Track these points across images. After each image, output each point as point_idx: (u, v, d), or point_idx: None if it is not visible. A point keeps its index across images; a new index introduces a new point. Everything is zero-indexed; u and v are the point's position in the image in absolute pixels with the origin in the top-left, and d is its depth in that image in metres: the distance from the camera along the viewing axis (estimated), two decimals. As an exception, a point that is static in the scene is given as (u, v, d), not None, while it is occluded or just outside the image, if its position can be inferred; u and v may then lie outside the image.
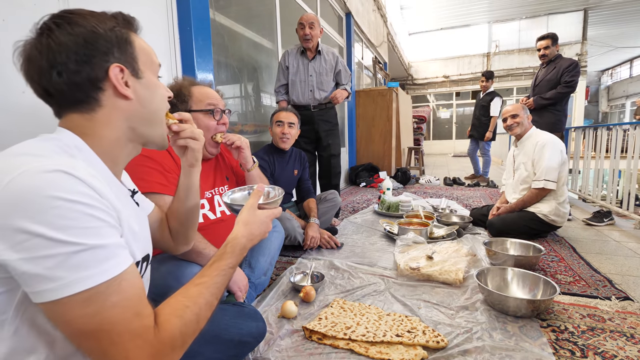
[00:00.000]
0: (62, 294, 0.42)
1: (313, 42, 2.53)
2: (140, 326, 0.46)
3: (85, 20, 0.53)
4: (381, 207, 2.93)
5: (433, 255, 1.67)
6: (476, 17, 11.45)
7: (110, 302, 0.44)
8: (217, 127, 1.21)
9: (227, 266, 0.62)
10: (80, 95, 0.54)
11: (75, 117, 0.55)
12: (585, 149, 3.54)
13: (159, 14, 1.69)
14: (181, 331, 0.51)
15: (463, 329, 1.15)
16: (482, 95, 4.86)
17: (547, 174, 2.02)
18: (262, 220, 0.70)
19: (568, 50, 10.54)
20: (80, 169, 0.46)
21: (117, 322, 0.45)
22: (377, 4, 6.79)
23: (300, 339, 1.13)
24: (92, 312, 0.43)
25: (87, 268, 0.43)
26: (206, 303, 0.56)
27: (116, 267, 0.46)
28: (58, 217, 0.42)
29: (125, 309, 0.45)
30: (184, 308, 0.53)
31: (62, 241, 0.41)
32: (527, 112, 2.26)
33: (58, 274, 0.41)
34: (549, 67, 3.01)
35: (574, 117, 10.71)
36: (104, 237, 0.45)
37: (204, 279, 0.58)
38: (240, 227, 0.68)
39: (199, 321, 0.54)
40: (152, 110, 0.62)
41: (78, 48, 0.52)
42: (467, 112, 12.63)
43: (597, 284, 1.49)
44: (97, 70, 0.54)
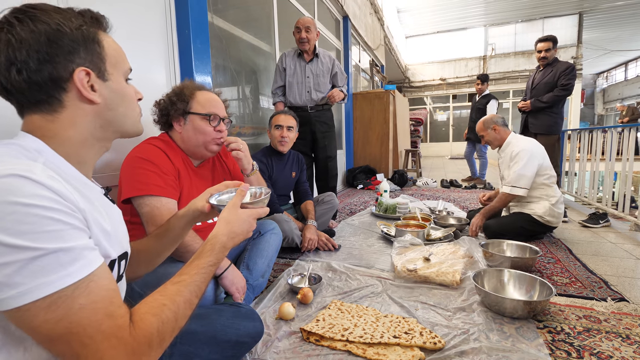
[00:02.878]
0: (24, 300, 0.40)
1: (310, 44, 2.54)
2: (113, 326, 0.46)
3: (49, 17, 0.51)
4: (378, 209, 2.94)
5: (430, 257, 1.68)
6: (472, 21, 11.55)
7: (77, 305, 0.43)
8: (213, 134, 1.21)
9: (206, 264, 0.62)
10: (41, 95, 0.52)
11: (36, 118, 0.53)
12: (580, 151, 3.57)
13: (157, 18, 1.69)
14: (158, 329, 0.50)
15: (460, 330, 1.15)
16: (478, 98, 4.89)
17: (517, 181, 2.06)
18: (243, 219, 0.69)
19: (564, 53, 10.65)
20: (38, 172, 0.44)
21: (87, 325, 0.44)
22: (374, 7, 6.84)
23: (298, 340, 1.13)
24: (59, 317, 0.42)
25: (49, 273, 0.42)
26: (185, 301, 0.55)
27: (82, 270, 0.44)
28: (15, 223, 0.40)
29: (94, 311, 0.45)
30: (161, 306, 0.52)
31: (20, 247, 0.40)
32: (489, 124, 2.26)
33: (18, 280, 0.40)
34: (546, 70, 3.04)
35: (570, 120, 10.80)
36: (66, 240, 0.44)
37: (182, 277, 0.58)
38: (220, 226, 0.67)
39: (177, 319, 0.54)
40: (119, 113, 0.60)
41: (40, 46, 0.50)
42: (463, 114, 12.70)
43: (593, 285, 1.50)
44: (60, 71, 0.52)
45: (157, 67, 1.70)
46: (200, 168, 1.28)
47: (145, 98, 1.36)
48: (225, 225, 0.67)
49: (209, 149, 1.23)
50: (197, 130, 1.19)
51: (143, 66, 1.62)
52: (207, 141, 1.21)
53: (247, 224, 0.70)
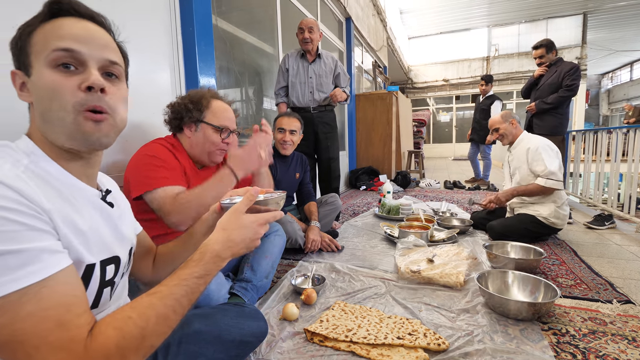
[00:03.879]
0: None
1: (312, 45, 2.55)
2: (64, 337, 0.42)
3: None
4: (381, 211, 2.94)
5: (434, 258, 1.67)
6: (476, 21, 11.52)
7: (24, 312, 0.40)
8: (220, 145, 1.23)
9: (190, 275, 0.54)
10: None
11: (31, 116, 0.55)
12: (585, 152, 3.55)
13: (162, 20, 1.71)
14: (118, 344, 0.45)
15: (464, 332, 1.15)
16: (481, 98, 4.88)
17: (552, 174, 2.01)
18: (244, 225, 0.60)
19: (568, 54, 10.59)
20: (2, 171, 0.43)
21: (33, 334, 0.41)
22: (376, 8, 6.85)
23: (302, 341, 1.13)
24: (3, 323, 0.40)
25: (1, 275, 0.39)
26: (157, 315, 0.49)
27: (35, 274, 0.41)
28: None
29: (43, 320, 0.41)
30: (125, 319, 0.47)
31: None
32: (508, 119, 2.24)
33: None
34: (550, 71, 3.02)
35: (575, 121, 10.73)
36: (18, 242, 0.41)
37: (160, 288, 0.52)
38: (215, 233, 0.60)
39: (145, 336, 0.48)
40: (42, 109, 0.52)
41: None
42: (467, 115, 12.66)
43: (599, 288, 1.49)
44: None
45: (162, 69, 1.72)
46: (204, 170, 1.30)
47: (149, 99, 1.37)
48: (221, 232, 0.59)
49: (212, 159, 1.25)
50: (206, 139, 1.21)
51: (148, 67, 1.63)
52: (212, 151, 1.23)
53: (250, 231, 0.61)
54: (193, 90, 1.28)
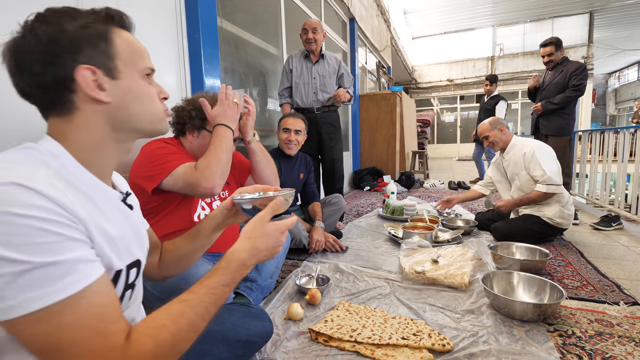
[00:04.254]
0: (12, 314, 0.40)
1: (316, 45, 2.56)
2: (103, 345, 0.43)
3: (57, 18, 0.50)
4: (385, 211, 2.94)
5: (438, 259, 1.67)
6: (480, 21, 11.47)
7: (65, 321, 0.42)
8: None
9: (218, 284, 0.56)
10: (51, 97, 0.51)
11: (55, 120, 0.53)
12: (592, 152, 3.52)
13: (168, 22, 1.72)
14: (154, 352, 0.47)
15: (469, 333, 1.15)
16: (486, 99, 4.85)
17: (551, 179, 2.00)
18: (268, 233, 0.62)
19: (574, 53, 10.50)
20: (38, 180, 0.43)
21: (74, 342, 0.42)
22: (380, 9, 6.84)
23: (307, 340, 1.13)
24: (47, 332, 0.41)
25: (37, 288, 0.40)
26: (188, 324, 0.51)
27: (73, 285, 0.42)
28: (7, 234, 0.39)
29: (83, 328, 0.43)
30: (160, 327, 0.49)
31: (12, 259, 0.39)
32: (496, 125, 2.23)
33: (7, 293, 0.39)
34: (556, 71, 3.00)
35: (581, 121, 10.63)
36: (59, 253, 0.42)
37: (190, 296, 0.54)
38: (240, 241, 0.61)
39: (176, 343, 0.50)
40: (133, 112, 0.57)
41: (41, 48, 0.49)
42: (471, 115, 12.60)
43: (605, 289, 1.48)
44: (64, 71, 0.50)
45: (168, 71, 1.73)
46: None
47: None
48: (246, 241, 0.61)
49: None
50: (204, 143, 1.21)
51: (154, 70, 1.65)
52: None
53: (274, 239, 0.63)
54: (198, 95, 1.29)
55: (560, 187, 2.01)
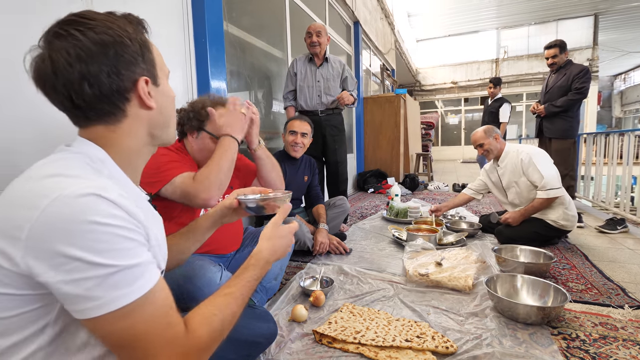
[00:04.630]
0: (102, 311, 0.44)
1: (320, 48, 2.58)
2: (172, 334, 0.49)
3: (109, 29, 0.51)
4: (389, 213, 2.94)
5: (442, 261, 1.67)
6: (484, 24, 11.46)
7: (144, 316, 0.47)
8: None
9: (252, 278, 0.65)
10: (108, 107, 0.54)
11: (99, 129, 0.55)
12: (597, 155, 3.50)
13: (175, 27, 1.75)
14: (209, 337, 0.54)
15: (472, 335, 1.15)
16: (490, 101, 4.85)
17: (549, 184, 1.99)
18: (283, 235, 0.74)
19: (579, 55, 10.45)
20: (111, 190, 0.47)
21: (151, 333, 0.48)
22: (384, 12, 6.87)
23: (311, 342, 1.14)
24: (128, 326, 0.46)
25: (122, 287, 0.45)
26: (232, 313, 0.59)
27: (148, 283, 0.48)
28: (94, 241, 0.44)
29: (157, 320, 0.48)
30: (212, 316, 0.56)
31: (100, 264, 0.43)
32: (491, 133, 2.22)
33: (97, 294, 0.44)
34: (559, 74, 2.99)
35: (586, 123, 10.57)
36: (135, 257, 0.47)
37: (231, 289, 0.62)
38: (263, 242, 0.71)
39: (224, 329, 0.58)
40: (167, 115, 0.62)
41: (108, 59, 0.51)
42: (475, 117, 12.56)
43: (610, 292, 1.48)
44: (125, 82, 0.54)
45: (175, 73, 1.76)
46: None
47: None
48: (267, 242, 0.71)
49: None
50: (204, 147, 1.23)
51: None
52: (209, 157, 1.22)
53: (287, 240, 0.75)
54: (199, 98, 1.30)
55: (560, 190, 2.00)
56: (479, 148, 2.27)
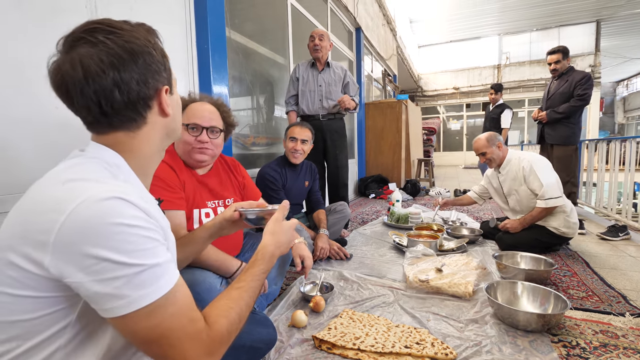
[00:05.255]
0: (129, 309, 0.46)
1: (322, 52, 2.61)
2: (195, 330, 0.52)
3: (137, 38, 0.53)
4: (390, 219, 2.94)
5: (442, 267, 1.67)
6: (486, 30, 11.51)
7: (168, 313, 0.49)
8: (194, 143, 1.20)
9: (260, 272, 0.68)
10: (133, 114, 0.55)
11: (119, 135, 0.56)
12: (598, 162, 3.49)
13: (178, 33, 1.78)
14: (228, 329, 0.57)
15: (472, 342, 1.15)
16: (491, 107, 4.86)
17: (548, 192, 1.98)
18: (285, 230, 0.77)
19: (581, 61, 10.47)
20: (132, 194, 0.49)
21: (175, 329, 0.50)
22: (386, 18, 6.92)
23: (310, 348, 1.15)
24: (155, 324, 0.48)
25: (148, 285, 0.47)
26: (246, 304, 0.63)
27: (170, 281, 0.50)
28: (121, 242, 0.45)
29: (181, 317, 0.50)
30: (228, 309, 0.59)
31: (127, 263, 0.45)
32: (494, 141, 2.20)
33: (125, 292, 0.45)
34: (561, 80, 3.00)
35: (588, 129, 10.55)
36: (158, 256, 0.49)
37: (242, 283, 0.65)
38: (268, 237, 0.74)
39: (241, 320, 0.61)
40: (178, 122, 0.66)
41: (139, 68, 0.53)
42: (477, 123, 12.57)
43: (611, 300, 1.47)
44: (150, 90, 0.56)
45: (177, 79, 1.78)
46: (205, 177, 1.30)
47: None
48: (271, 237, 0.74)
49: (193, 158, 1.23)
50: (181, 140, 1.20)
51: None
52: (189, 150, 1.21)
53: (289, 235, 0.77)
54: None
55: (559, 200, 1.99)
56: (480, 156, 2.26)
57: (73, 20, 0.56)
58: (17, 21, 1.12)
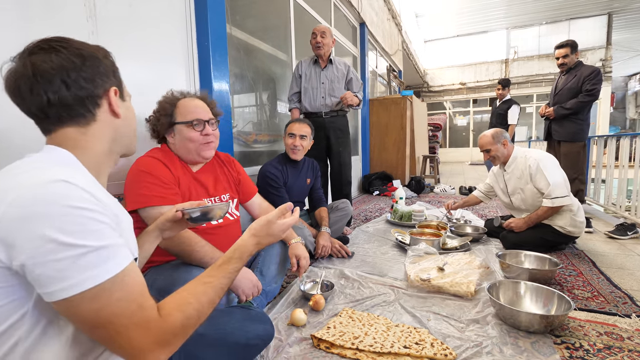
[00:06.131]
0: (72, 292, 0.46)
1: (324, 49, 2.58)
2: (143, 317, 0.51)
3: (87, 47, 0.61)
4: (393, 217, 2.92)
5: (444, 266, 1.65)
6: (494, 24, 11.31)
7: (115, 297, 0.49)
8: (200, 138, 1.22)
9: (233, 270, 0.68)
10: (81, 109, 0.60)
11: (70, 130, 0.60)
12: (607, 158, 3.42)
13: (178, 30, 1.77)
14: (182, 324, 0.56)
15: (473, 343, 1.14)
16: (498, 103, 4.78)
17: (554, 192, 1.93)
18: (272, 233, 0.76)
19: (591, 55, 10.24)
20: (78, 178, 0.50)
21: (121, 315, 0.49)
22: (391, 13, 6.83)
23: (309, 347, 1.14)
24: (99, 307, 0.48)
25: (93, 268, 0.47)
26: (209, 301, 0.62)
27: (118, 265, 0.50)
28: (67, 223, 0.46)
29: (128, 303, 0.50)
30: (187, 304, 0.58)
31: (72, 245, 0.46)
32: (499, 138, 2.14)
33: (68, 274, 0.46)
34: (569, 75, 2.94)
35: (599, 125, 10.35)
36: (105, 238, 0.49)
37: (210, 279, 0.64)
38: (250, 239, 0.74)
39: (200, 317, 0.60)
40: (131, 128, 0.71)
41: (86, 68, 0.59)
42: (484, 119, 12.41)
43: (617, 301, 1.44)
44: (98, 89, 0.61)
45: (178, 77, 1.78)
46: (200, 173, 1.30)
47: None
48: (252, 238, 0.74)
49: (201, 155, 1.24)
50: (185, 139, 1.21)
51: (164, 77, 1.70)
52: (196, 147, 1.22)
53: (275, 237, 0.77)
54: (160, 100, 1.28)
55: (566, 199, 1.94)
56: (485, 153, 2.21)
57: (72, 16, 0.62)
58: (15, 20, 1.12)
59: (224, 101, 1.95)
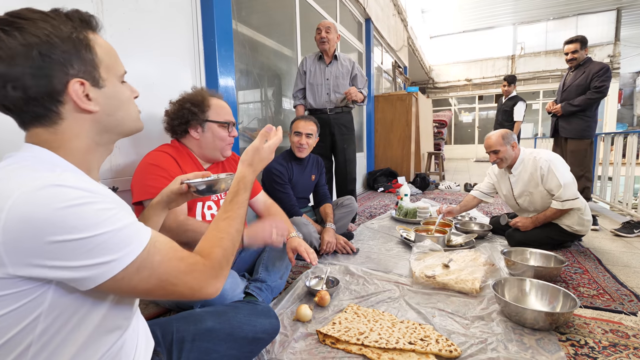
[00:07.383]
0: (116, 270, 0.48)
1: (329, 45, 2.57)
2: (188, 265, 0.57)
3: (38, 28, 0.48)
4: (398, 213, 2.92)
5: (449, 263, 1.66)
6: (500, 19, 11.19)
7: (156, 262, 0.53)
8: (228, 139, 1.31)
9: (243, 199, 0.72)
10: (38, 109, 0.51)
11: (40, 131, 0.53)
12: (614, 156, 3.39)
13: (184, 26, 1.78)
14: (224, 255, 0.63)
15: (477, 339, 1.14)
16: (504, 99, 4.74)
17: (566, 194, 1.90)
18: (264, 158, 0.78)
19: (599, 51, 10.10)
20: (69, 178, 0.47)
21: (169, 273, 0.54)
22: (397, 8, 6.78)
23: (314, 342, 1.15)
24: (147, 275, 0.52)
25: (125, 245, 0.49)
26: (236, 230, 0.68)
27: (145, 236, 0.52)
28: (80, 219, 0.45)
29: (170, 261, 0.54)
30: (219, 239, 0.64)
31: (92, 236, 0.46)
32: (509, 140, 2.06)
33: (106, 258, 0.47)
34: (577, 72, 2.90)
35: (606, 122, 10.22)
36: (123, 219, 0.50)
37: (228, 213, 0.69)
38: (246, 169, 0.76)
39: (234, 245, 0.67)
40: (118, 117, 0.60)
41: (33, 61, 0.48)
42: (490, 115, 12.31)
43: (623, 299, 1.44)
44: (55, 84, 0.51)
45: (184, 72, 1.79)
46: (209, 170, 1.34)
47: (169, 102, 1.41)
48: (249, 167, 0.76)
49: (224, 154, 1.32)
50: (216, 137, 1.27)
51: (170, 72, 1.70)
52: (223, 146, 1.30)
53: (267, 160, 0.79)
54: (189, 94, 1.31)
55: (577, 201, 1.91)
56: (492, 154, 2.11)
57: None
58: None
59: (229, 97, 1.96)
